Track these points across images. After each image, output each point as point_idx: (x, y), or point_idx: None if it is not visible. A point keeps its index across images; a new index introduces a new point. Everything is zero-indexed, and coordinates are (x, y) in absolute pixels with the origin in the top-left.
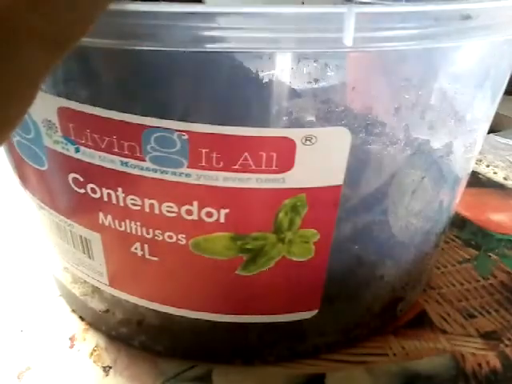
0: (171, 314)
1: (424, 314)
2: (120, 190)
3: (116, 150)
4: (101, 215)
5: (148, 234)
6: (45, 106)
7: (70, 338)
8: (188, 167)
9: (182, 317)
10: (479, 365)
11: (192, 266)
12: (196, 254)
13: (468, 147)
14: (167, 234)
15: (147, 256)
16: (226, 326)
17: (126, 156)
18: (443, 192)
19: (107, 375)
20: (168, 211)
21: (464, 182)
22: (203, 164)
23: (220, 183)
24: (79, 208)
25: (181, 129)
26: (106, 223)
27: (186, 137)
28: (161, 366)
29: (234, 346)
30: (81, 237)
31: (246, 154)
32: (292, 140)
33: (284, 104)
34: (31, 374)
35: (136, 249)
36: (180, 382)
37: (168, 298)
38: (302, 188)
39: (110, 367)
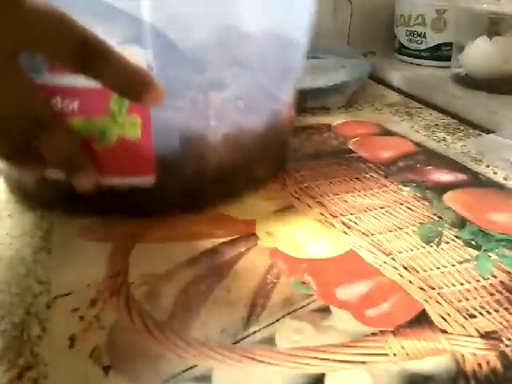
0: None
1: (424, 313)
2: None
3: None
4: None
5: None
6: None
7: (70, 338)
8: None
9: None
10: (479, 365)
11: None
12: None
13: None
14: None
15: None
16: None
17: None
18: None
19: (107, 375)
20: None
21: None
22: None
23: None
24: None
25: None
26: None
27: None
28: (161, 366)
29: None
30: None
31: None
32: None
33: None
34: (31, 373)
35: None
36: (180, 382)
37: None
38: None
39: (110, 367)
